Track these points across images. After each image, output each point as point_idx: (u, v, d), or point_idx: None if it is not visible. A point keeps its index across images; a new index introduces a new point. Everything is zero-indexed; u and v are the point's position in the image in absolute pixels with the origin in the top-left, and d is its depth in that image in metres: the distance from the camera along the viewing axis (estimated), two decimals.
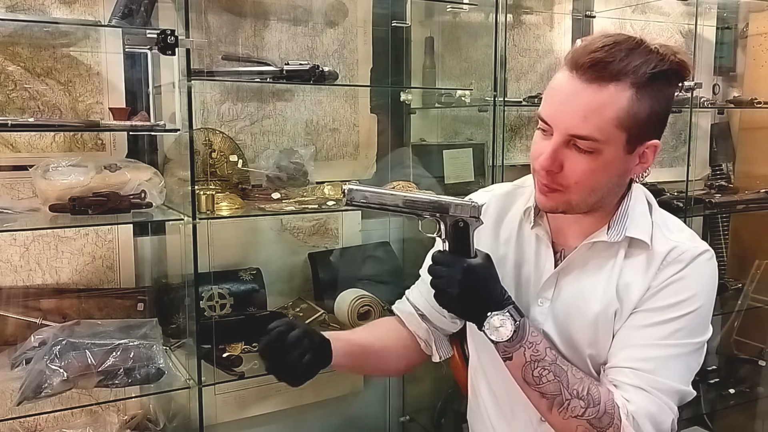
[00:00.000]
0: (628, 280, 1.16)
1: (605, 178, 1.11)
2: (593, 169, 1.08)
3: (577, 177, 1.09)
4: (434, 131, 2.33)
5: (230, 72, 1.87)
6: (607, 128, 1.05)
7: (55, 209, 1.59)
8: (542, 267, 1.24)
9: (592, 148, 1.07)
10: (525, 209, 1.26)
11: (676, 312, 1.13)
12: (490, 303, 1.12)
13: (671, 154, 2.70)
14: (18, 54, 1.67)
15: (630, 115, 1.05)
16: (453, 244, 1.14)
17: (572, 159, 1.08)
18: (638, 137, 1.08)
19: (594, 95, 1.04)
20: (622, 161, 1.10)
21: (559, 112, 1.08)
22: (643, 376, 1.11)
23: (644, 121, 1.07)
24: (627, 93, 1.04)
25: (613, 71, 1.04)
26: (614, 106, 1.04)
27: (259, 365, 1.77)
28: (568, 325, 1.19)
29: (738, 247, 2.86)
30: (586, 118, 1.05)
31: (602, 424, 1.08)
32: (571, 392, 1.10)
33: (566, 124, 1.07)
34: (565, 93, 1.07)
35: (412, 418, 2.33)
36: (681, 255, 1.15)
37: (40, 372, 1.49)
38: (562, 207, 1.15)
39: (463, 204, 1.14)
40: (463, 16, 2.24)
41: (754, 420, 2.79)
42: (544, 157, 1.09)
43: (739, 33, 2.85)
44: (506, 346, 1.12)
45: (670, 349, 1.12)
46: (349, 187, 1.13)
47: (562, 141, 1.08)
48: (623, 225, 1.17)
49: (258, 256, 2.04)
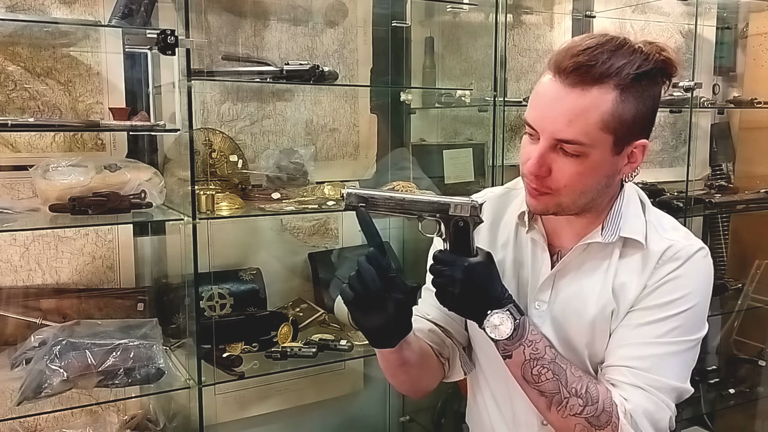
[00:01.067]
0: (624, 280, 1.16)
1: (594, 181, 1.11)
2: (581, 172, 1.08)
3: (566, 180, 1.09)
4: (434, 131, 2.33)
5: (230, 72, 1.87)
6: (592, 132, 1.05)
7: (55, 209, 1.59)
8: (539, 270, 1.24)
9: (579, 152, 1.07)
10: (520, 213, 1.27)
11: (672, 310, 1.13)
12: (491, 301, 1.12)
13: (671, 154, 2.70)
14: (18, 54, 1.67)
15: (615, 117, 1.04)
16: (454, 243, 1.14)
17: (560, 163, 1.08)
18: (625, 138, 1.08)
19: (577, 99, 1.04)
20: (610, 163, 1.10)
21: (544, 116, 1.08)
22: (639, 375, 1.11)
23: (630, 122, 1.06)
24: (611, 95, 1.04)
25: (596, 74, 1.03)
26: (598, 109, 1.04)
27: (259, 365, 1.77)
28: (565, 327, 1.19)
29: (738, 247, 2.86)
30: (570, 123, 1.04)
31: (600, 422, 1.08)
32: (569, 390, 1.10)
33: (551, 129, 1.07)
34: (549, 98, 1.07)
35: (412, 418, 2.33)
36: (677, 253, 1.15)
37: (40, 372, 1.49)
38: (552, 209, 1.15)
39: (463, 203, 1.15)
40: (463, 16, 2.24)
41: (754, 420, 2.79)
42: (531, 162, 1.09)
43: (739, 33, 2.85)
44: (506, 344, 1.12)
45: (667, 347, 1.12)
46: (348, 190, 1.12)
47: (548, 145, 1.08)
48: (617, 225, 1.18)
49: (258, 256, 2.04)
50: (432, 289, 1.24)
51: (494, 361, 1.25)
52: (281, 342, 1.84)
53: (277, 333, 1.84)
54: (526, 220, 1.25)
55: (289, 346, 1.83)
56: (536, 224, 1.25)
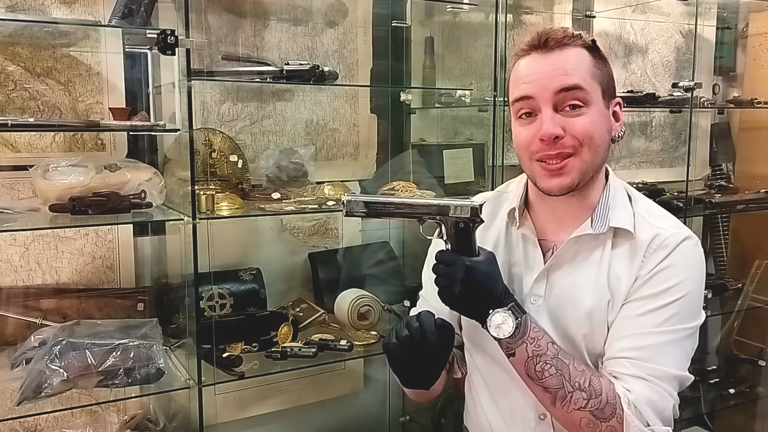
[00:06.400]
0: (617, 271, 1.18)
1: (602, 132, 1.17)
2: (591, 120, 1.14)
3: (583, 130, 1.14)
4: (434, 131, 2.33)
5: (230, 72, 1.87)
6: (587, 78, 1.14)
7: (55, 209, 1.59)
8: (531, 265, 1.25)
9: (582, 100, 1.14)
10: (509, 210, 1.28)
11: (667, 298, 1.14)
12: (492, 300, 1.14)
13: (671, 154, 2.70)
14: (18, 54, 1.67)
15: (596, 68, 1.16)
16: (455, 244, 1.15)
17: (570, 120, 1.14)
18: (607, 91, 1.18)
19: (564, 55, 1.14)
20: (606, 116, 1.18)
21: (539, 81, 1.15)
22: (640, 365, 1.12)
23: (606, 75, 1.18)
24: (584, 51, 1.16)
25: (566, 39, 1.15)
26: (584, 60, 1.15)
27: (259, 365, 1.77)
28: (562, 319, 1.20)
29: (738, 247, 2.86)
30: (567, 72, 1.13)
31: (605, 415, 1.09)
32: (573, 385, 1.11)
33: (553, 86, 1.13)
34: (537, 66, 1.15)
35: (412, 418, 2.33)
36: (665, 241, 1.17)
37: (40, 372, 1.49)
38: (577, 178, 1.16)
39: (463, 205, 1.15)
40: (463, 16, 2.24)
41: (754, 420, 2.79)
42: (546, 125, 1.13)
43: (739, 33, 2.85)
44: (509, 343, 1.13)
45: (665, 335, 1.13)
46: (347, 198, 1.14)
47: (552, 105, 1.14)
48: (606, 216, 1.20)
49: (258, 256, 2.04)
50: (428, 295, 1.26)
51: (490, 358, 1.26)
52: (281, 342, 1.84)
53: (277, 333, 1.84)
54: (516, 216, 1.27)
55: (289, 346, 1.83)
56: (526, 220, 1.27)
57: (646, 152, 2.65)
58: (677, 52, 2.65)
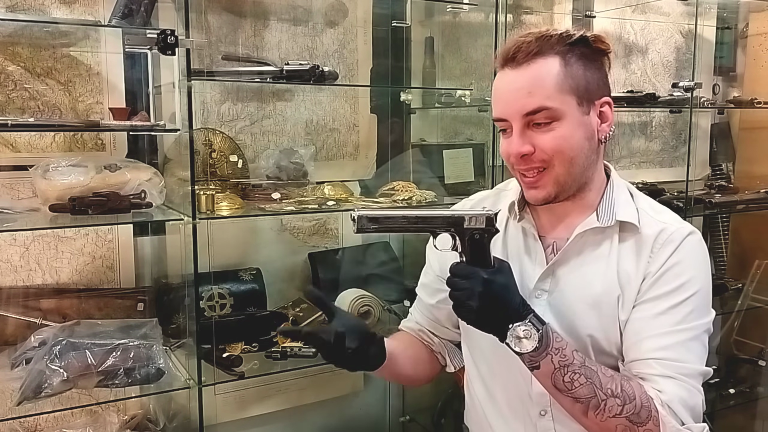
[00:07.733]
0: (626, 266, 1.18)
1: (576, 143, 1.15)
2: (560, 135, 1.13)
3: (551, 146, 1.13)
4: (434, 131, 2.33)
5: (230, 72, 1.87)
6: (553, 95, 1.12)
7: (55, 209, 1.59)
8: (534, 260, 1.24)
9: (550, 117, 1.13)
10: (509, 204, 1.28)
11: (682, 295, 1.14)
12: (511, 313, 1.10)
13: (671, 154, 2.70)
14: (18, 54, 1.67)
15: (567, 77, 1.13)
16: (471, 256, 1.11)
17: (539, 137, 1.14)
18: (586, 97, 1.15)
19: (528, 73, 1.13)
20: (584, 123, 1.15)
21: (507, 102, 1.16)
22: (668, 365, 1.11)
23: (584, 81, 1.14)
24: (555, 60, 1.13)
25: (535, 49, 1.13)
26: (550, 74, 1.13)
27: (259, 365, 1.77)
28: (568, 313, 1.19)
29: (738, 247, 2.86)
30: (530, 94, 1.12)
31: (641, 419, 1.08)
32: (605, 392, 1.09)
33: (517, 108, 1.14)
34: (506, 86, 1.16)
35: (412, 418, 2.33)
36: (671, 235, 1.17)
37: (40, 372, 1.49)
38: (553, 190, 1.17)
39: (477, 215, 1.12)
40: (463, 16, 2.24)
41: (754, 420, 2.79)
42: (513, 145, 1.15)
43: (739, 33, 2.85)
44: (532, 356, 1.10)
45: (687, 332, 1.13)
46: (358, 214, 1.09)
47: (521, 125, 1.14)
48: (611, 210, 1.20)
49: (258, 256, 2.04)
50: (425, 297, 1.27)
51: (489, 354, 1.26)
52: (281, 342, 1.84)
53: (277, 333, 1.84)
54: (516, 210, 1.26)
55: (289, 346, 1.81)
56: (526, 214, 1.27)
57: (646, 152, 2.65)
58: (677, 52, 2.65)
